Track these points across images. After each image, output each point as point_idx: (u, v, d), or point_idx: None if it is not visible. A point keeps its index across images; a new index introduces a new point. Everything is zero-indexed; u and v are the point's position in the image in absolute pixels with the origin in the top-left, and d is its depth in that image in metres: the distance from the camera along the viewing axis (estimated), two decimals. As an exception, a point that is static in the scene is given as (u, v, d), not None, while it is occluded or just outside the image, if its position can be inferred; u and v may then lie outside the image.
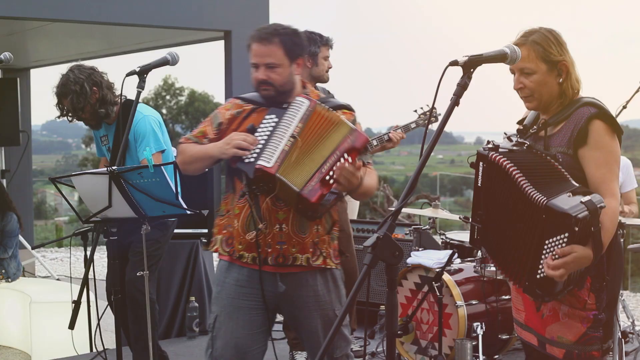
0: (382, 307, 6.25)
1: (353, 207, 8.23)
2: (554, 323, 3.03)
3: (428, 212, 6.01)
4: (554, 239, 2.79)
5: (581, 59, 3.06)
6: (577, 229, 2.72)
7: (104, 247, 8.93)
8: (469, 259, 5.86)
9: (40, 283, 8.24)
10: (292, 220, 3.38)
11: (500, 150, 2.99)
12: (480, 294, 5.45)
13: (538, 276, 2.85)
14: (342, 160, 3.25)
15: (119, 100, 4.70)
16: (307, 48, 3.55)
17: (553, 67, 3.00)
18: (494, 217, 3.06)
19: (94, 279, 4.72)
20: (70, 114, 4.67)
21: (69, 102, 4.63)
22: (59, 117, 4.76)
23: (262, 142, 3.26)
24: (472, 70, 2.60)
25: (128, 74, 3.38)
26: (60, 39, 9.75)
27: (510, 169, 2.89)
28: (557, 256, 2.77)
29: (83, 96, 4.60)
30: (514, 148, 3.01)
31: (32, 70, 12.02)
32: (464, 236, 6.33)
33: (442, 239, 6.15)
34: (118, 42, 4.64)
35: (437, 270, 5.14)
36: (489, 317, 5.34)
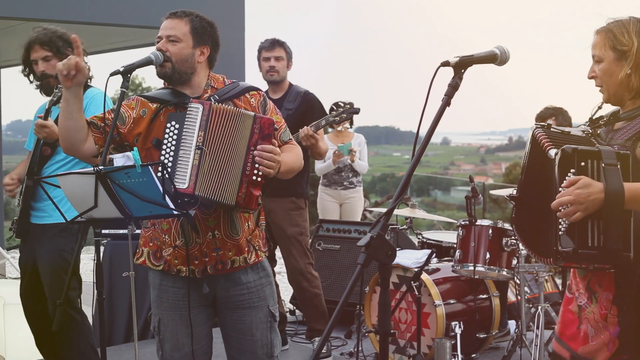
0: (359, 307, 6.27)
1: (356, 208, 8.21)
2: (586, 344, 2.91)
3: (405, 212, 6.04)
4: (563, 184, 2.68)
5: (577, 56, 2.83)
6: (583, 164, 2.64)
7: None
8: (445, 258, 5.91)
9: (13, 284, 8.12)
10: (223, 224, 3.35)
11: (551, 129, 2.89)
12: (458, 293, 5.49)
13: (560, 232, 2.71)
14: (258, 152, 3.21)
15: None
16: (218, 43, 3.48)
17: (621, 56, 2.84)
18: (529, 195, 2.97)
19: (77, 280, 4.68)
20: (44, 68, 4.58)
21: (50, 53, 4.56)
22: (25, 73, 4.70)
23: (172, 154, 3.20)
24: (463, 70, 2.60)
25: (112, 74, 3.32)
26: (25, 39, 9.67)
27: (541, 139, 2.82)
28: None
29: (63, 51, 4.56)
30: (568, 130, 2.91)
31: (-1, 70, 11.92)
32: (440, 236, 6.39)
33: (419, 238, 6.19)
34: (92, 42, 4.62)
35: (416, 269, 5.16)
36: (467, 316, 5.38)
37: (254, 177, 3.23)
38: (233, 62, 7.81)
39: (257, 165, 3.22)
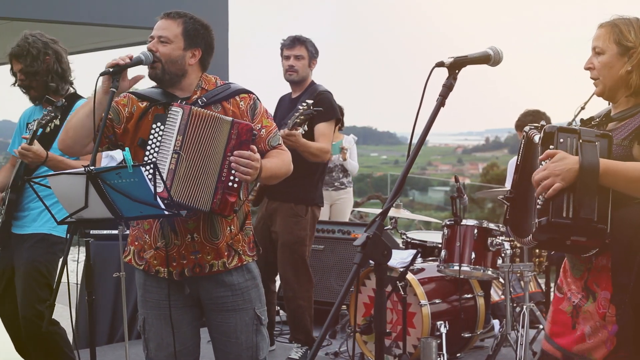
0: (344, 306, 6.28)
1: (345, 209, 8.19)
2: (582, 342, 2.91)
3: (390, 212, 6.05)
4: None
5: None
6: (562, 140, 2.70)
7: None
8: (430, 258, 5.93)
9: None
10: (203, 227, 3.33)
11: (545, 128, 2.91)
12: (444, 292, 5.52)
13: (538, 206, 2.74)
14: (235, 158, 3.18)
15: (69, 88, 4.57)
16: (211, 46, 3.47)
17: (624, 52, 2.86)
18: (523, 194, 2.99)
19: (68, 281, 4.64)
20: (21, 80, 4.49)
21: (23, 65, 4.46)
22: (13, 84, 4.60)
23: (155, 155, 3.20)
24: (457, 71, 2.62)
25: (102, 74, 3.30)
26: (10, 38, 9.62)
27: (534, 137, 2.87)
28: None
29: (38, 61, 4.46)
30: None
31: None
32: (424, 236, 6.41)
33: (404, 238, 6.21)
34: (77, 41, 4.57)
35: (401, 269, 5.18)
36: (452, 316, 5.41)
37: (230, 184, 3.20)
38: (216, 63, 7.79)
39: (233, 172, 3.20)
